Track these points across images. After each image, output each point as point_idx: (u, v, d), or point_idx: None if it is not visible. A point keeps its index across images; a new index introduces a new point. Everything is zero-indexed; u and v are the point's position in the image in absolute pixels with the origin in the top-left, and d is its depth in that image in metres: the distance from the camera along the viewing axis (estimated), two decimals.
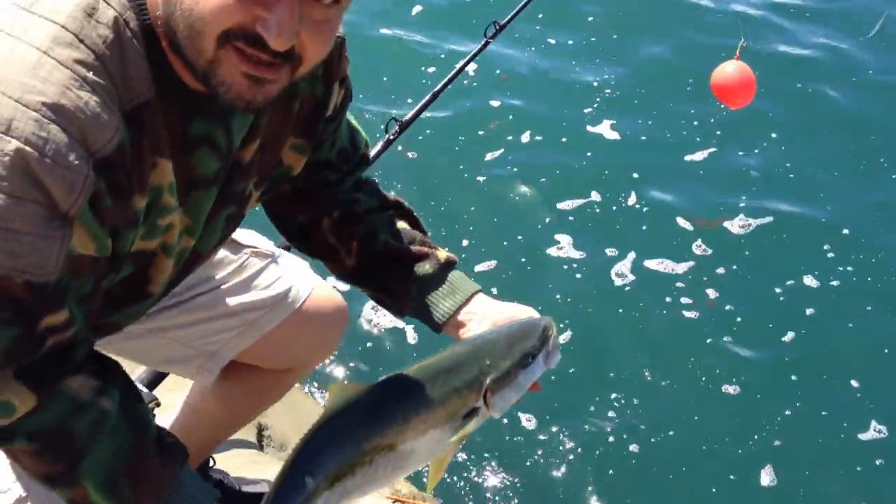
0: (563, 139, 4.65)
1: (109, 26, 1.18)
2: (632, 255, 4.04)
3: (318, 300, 1.89)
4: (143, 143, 1.23)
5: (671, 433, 3.40)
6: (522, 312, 1.63)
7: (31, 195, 1.13)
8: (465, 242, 4.05)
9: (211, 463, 2.12)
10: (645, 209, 4.29)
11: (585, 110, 4.82)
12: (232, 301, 1.80)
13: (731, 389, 3.55)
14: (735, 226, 4.22)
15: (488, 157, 4.55)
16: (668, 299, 3.87)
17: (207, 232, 1.46)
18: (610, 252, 4.06)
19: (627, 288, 3.92)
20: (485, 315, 1.62)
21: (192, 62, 1.20)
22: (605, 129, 4.70)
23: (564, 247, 4.11)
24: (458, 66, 2.82)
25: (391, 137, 2.60)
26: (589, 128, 4.72)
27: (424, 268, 1.64)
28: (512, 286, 3.77)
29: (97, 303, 1.31)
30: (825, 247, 4.14)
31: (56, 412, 1.26)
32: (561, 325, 3.63)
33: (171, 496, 1.38)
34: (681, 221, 4.21)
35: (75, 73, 1.14)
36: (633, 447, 3.34)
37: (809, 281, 3.98)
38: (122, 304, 1.41)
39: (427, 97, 2.73)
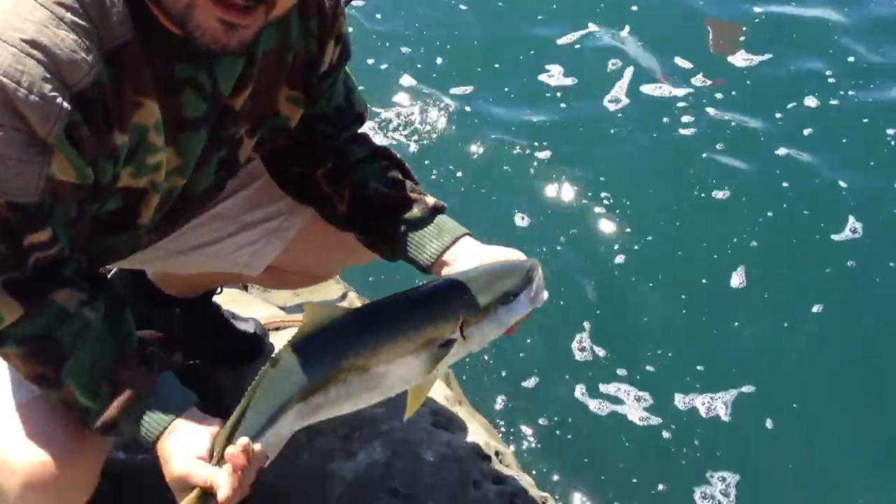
0: None
1: None
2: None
3: None
4: (123, 83, 1.33)
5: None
6: (509, 255, 1.66)
7: (10, 123, 1.25)
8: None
9: (218, 290, 2.24)
10: None
11: None
12: (249, 212, 1.86)
13: (719, 195, 3.69)
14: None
15: None
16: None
17: (199, 174, 1.56)
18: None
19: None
20: (472, 257, 1.65)
21: (167, 8, 1.29)
22: None
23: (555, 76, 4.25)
24: None
25: None
26: None
27: (413, 212, 1.69)
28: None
29: (85, 227, 1.44)
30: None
31: (41, 321, 1.37)
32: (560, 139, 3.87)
33: (149, 400, 1.44)
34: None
35: (54, 13, 1.25)
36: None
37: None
38: (113, 232, 1.53)
39: None
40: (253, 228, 1.87)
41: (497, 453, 2.23)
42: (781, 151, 3.90)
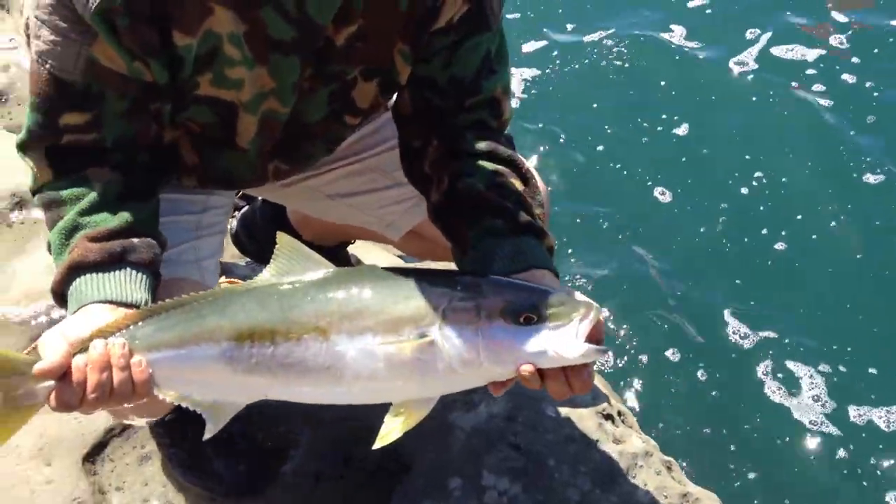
0: None
1: None
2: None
3: None
4: None
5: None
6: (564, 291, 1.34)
7: None
8: None
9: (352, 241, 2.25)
10: None
11: None
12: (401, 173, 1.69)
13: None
14: None
15: None
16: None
17: (306, 103, 1.51)
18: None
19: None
20: None
21: None
22: None
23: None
24: None
25: None
26: None
27: (495, 222, 1.45)
28: None
29: (147, 126, 1.42)
30: None
31: (62, 185, 1.38)
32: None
33: (90, 274, 1.33)
34: None
35: None
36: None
37: None
38: (216, 148, 1.54)
39: None
40: (406, 186, 1.73)
41: (619, 413, 2.18)
42: None
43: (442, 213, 1.53)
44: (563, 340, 1.23)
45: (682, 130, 3.74)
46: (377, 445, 1.28)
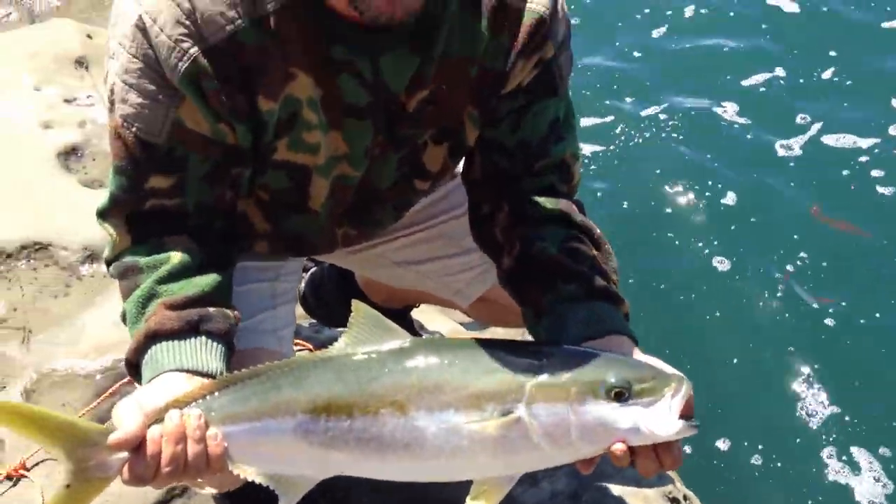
0: None
1: None
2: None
3: None
4: (272, 49, 1.35)
5: None
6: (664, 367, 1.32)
7: (143, 58, 1.33)
8: None
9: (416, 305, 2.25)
10: None
11: None
12: (470, 237, 1.67)
13: None
14: None
15: None
16: None
17: (377, 168, 1.53)
18: None
19: None
20: None
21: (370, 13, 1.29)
22: None
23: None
24: None
25: None
26: None
27: (569, 287, 1.42)
28: None
29: (224, 190, 1.43)
30: None
31: (141, 252, 1.39)
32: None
33: (167, 343, 1.32)
34: None
35: None
36: None
37: None
38: (289, 212, 1.56)
39: None
40: (474, 253, 1.75)
41: (685, 497, 2.13)
42: None
43: (514, 279, 1.51)
44: (656, 417, 1.20)
45: (729, 200, 3.74)
46: None
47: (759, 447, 2.85)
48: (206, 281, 1.38)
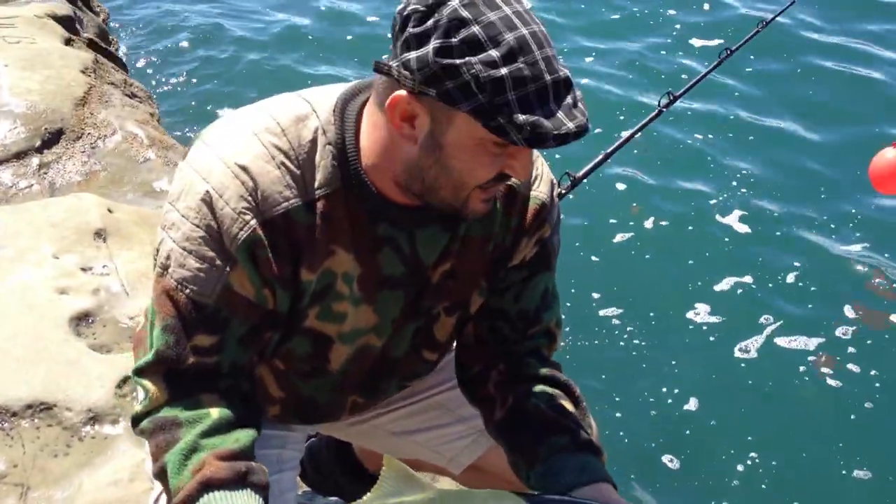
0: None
1: (312, 131, 1.50)
2: None
3: None
4: (319, 227, 1.50)
5: None
6: None
7: (206, 227, 1.47)
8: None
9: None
10: None
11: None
12: (467, 406, 1.82)
13: None
14: None
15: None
16: None
17: (396, 337, 1.67)
18: None
19: None
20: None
21: (445, 203, 1.48)
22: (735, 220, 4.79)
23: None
24: (625, 135, 2.97)
25: (562, 192, 2.71)
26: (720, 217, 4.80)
27: (561, 440, 1.62)
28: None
29: (253, 353, 1.55)
30: None
31: (176, 409, 1.48)
32: None
33: (221, 491, 1.43)
34: None
35: (270, 152, 1.48)
36: None
37: None
38: (307, 378, 1.68)
39: (599, 157, 2.86)
40: (466, 423, 1.90)
41: None
42: None
43: (505, 429, 1.69)
44: None
45: (692, 406, 3.81)
46: None
47: None
48: (245, 436, 1.49)
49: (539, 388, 1.68)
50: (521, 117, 1.32)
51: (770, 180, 5.08)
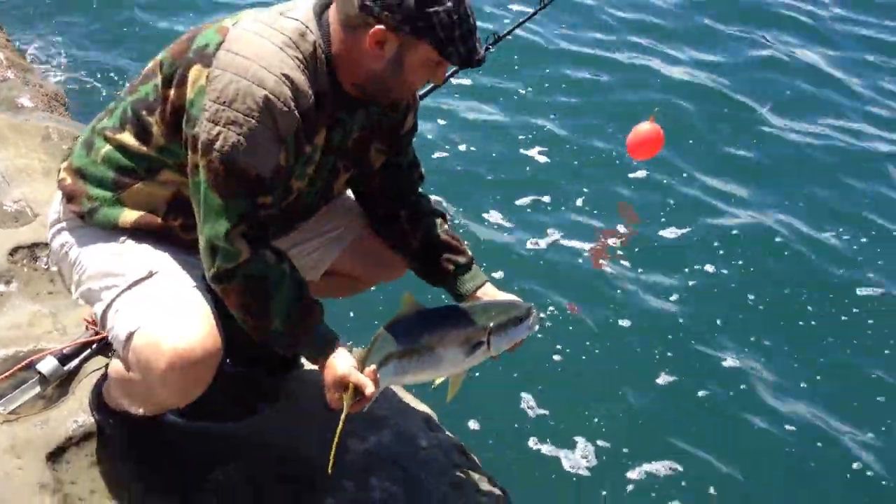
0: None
1: (311, 44, 2.06)
2: None
3: None
4: (318, 114, 2.08)
5: None
6: (513, 298, 2.41)
7: (268, 124, 1.98)
8: None
9: None
10: None
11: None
12: (323, 224, 2.50)
13: None
14: None
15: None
16: None
17: (314, 188, 2.27)
18: None
19: None
20: (492, 296, 2.42)
21: (390, 98, 2.19)
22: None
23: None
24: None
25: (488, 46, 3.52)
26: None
27: (459, 259, 2.44)
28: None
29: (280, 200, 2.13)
30: None
31: (259, 265, 2.05)
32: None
33: (322, 326, 2.15)
34: None
35: (296, 63, 2.02)
36: None
37: None
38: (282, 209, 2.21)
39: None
40: (321, 237, 2.52)
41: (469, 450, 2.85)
42: None
43: (421, 257, 2.45)
44: (533, 326, 2.35)
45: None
46: (450, 397, 2.32)
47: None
48: (301, 280, 2.14)
49: (432, 219, 2.44)
50: (462, 48, 2.01)
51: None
